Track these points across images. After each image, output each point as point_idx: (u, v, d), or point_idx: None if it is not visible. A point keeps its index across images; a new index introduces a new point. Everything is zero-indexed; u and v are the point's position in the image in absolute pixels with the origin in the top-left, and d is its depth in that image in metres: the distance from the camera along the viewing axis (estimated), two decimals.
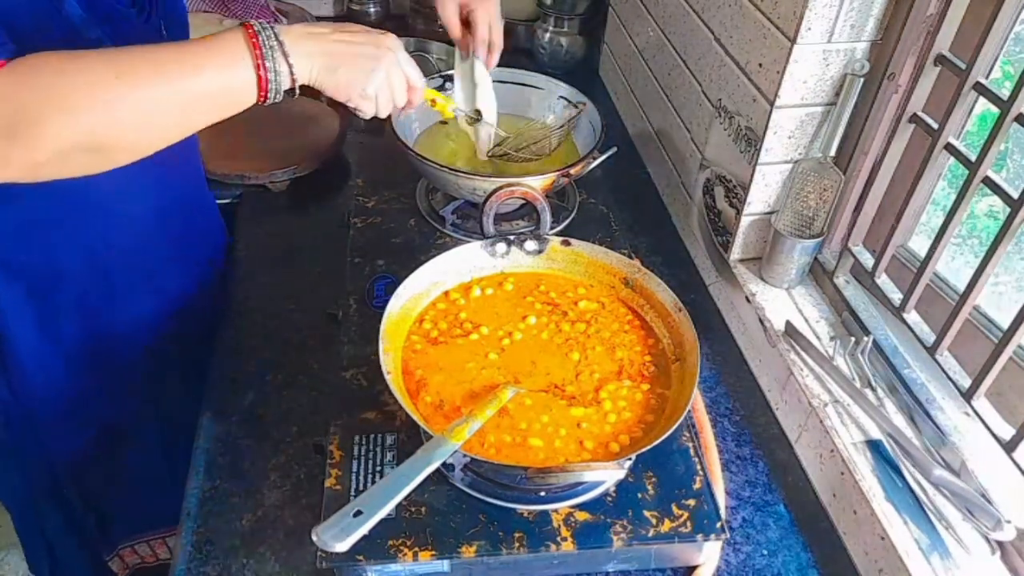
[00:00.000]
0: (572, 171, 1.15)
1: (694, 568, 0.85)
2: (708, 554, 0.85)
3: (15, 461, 1.08)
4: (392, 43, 0.81)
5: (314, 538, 0.65)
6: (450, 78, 1.31)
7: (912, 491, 0.85)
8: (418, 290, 0.95)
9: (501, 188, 1.02)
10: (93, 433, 1.12)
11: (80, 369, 1.06)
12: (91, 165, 0.68)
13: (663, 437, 0.77)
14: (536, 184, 1.08)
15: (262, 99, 0.73)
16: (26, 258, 0.94)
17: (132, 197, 0.98)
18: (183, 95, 0.68)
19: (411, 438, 0.88)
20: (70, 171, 0.67)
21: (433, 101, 1.01)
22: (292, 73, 0.72)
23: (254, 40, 0.70)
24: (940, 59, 0.88)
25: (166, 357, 1.14)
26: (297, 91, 0.75)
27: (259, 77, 0.70)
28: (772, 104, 0.99)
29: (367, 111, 0.82)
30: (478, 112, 1.16)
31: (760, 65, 1.02)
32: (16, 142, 0.62)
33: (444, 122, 1.27)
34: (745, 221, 1.11)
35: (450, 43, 1.74)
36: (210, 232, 1.21)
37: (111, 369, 1.09)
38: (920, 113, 0.92)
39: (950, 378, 0.88)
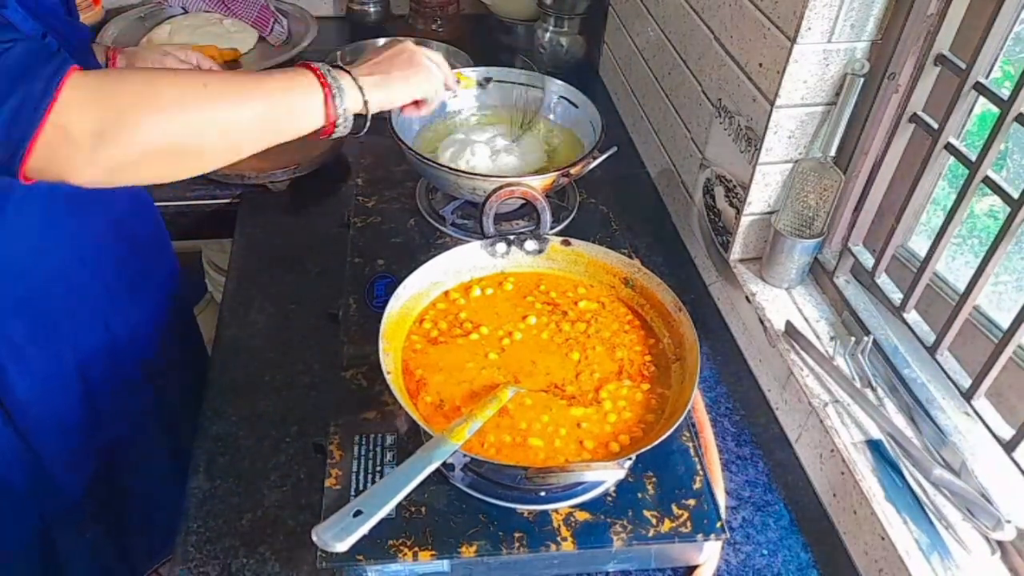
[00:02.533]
0: (572, 171, 1.15)
1: (694, 568, 0.85)
2: (708, 554, 0.85)
3: (28, 500, 1.06)
4: (410, 42, 0.90)
5: (314, 538, 0.66)
6: None
7: (912, 491, 0.85)
8: (418, 290, 0.95)
9: (501, 188, 1.02)
10: (101, 456, 1.12)
11: (75, 393, 1.05)
12: (167, 172, 0.71)
13: (663, 437, 0.77)
14: (536, 184, 1.08)
15: (330, 126, 0.80)
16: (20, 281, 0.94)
17: (84, 210, 0.98)
18: (261, 109, 0.74)
19: (411, 438, 0.88)
20: (146, 177, 0.71)
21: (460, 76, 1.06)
22: (364, 96, 0.82)
23: (320, 75, 0.79)
24: (940, 59, 0.88)
25: (150, 371, 1.14)
26: (368, 120, 0.85)
27: (326, 100, 0.78)
28: (772, 104, 0.99)
29: (433, 96, 0.92)
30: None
31: (760, 65, 1.02)
32: (105, 143, 0.65)
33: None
34: (745, 221, 1.11)
35: (450, 43, 1.76)
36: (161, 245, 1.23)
37: (103, 390, 1.08)
38: (920, 113, 0.92)
39: (950, 378, 0.88)
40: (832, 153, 1.01)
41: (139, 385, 1.14)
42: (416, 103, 0.92)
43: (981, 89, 0.82)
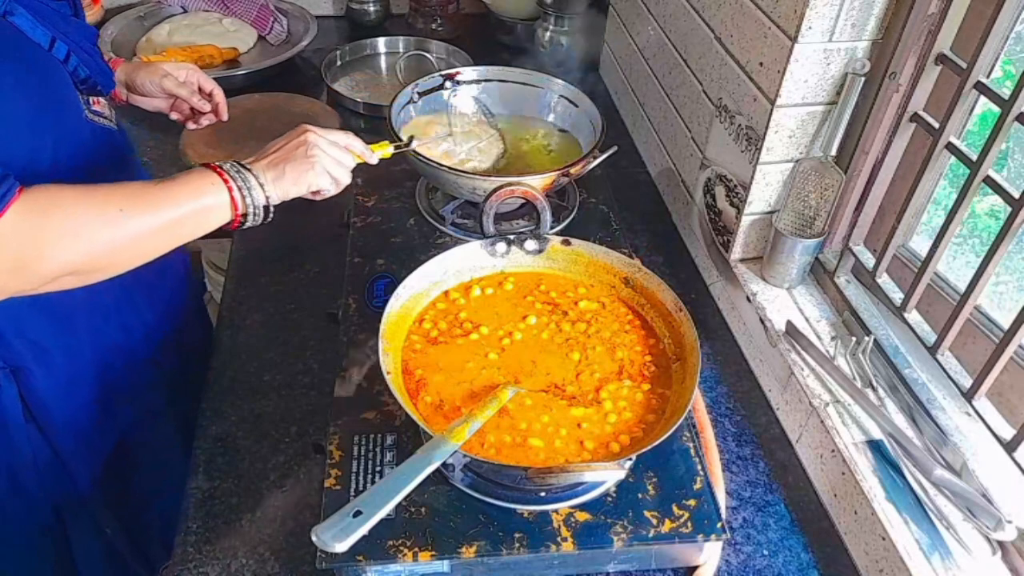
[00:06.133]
0: (572, 170, 1.14)
1: (695, 568, 0.85)
2: (709, 554, 0.85)
3: (44, 495, 1.06)
4: (310, 131, 0.91)
5: (314, 538, 0.65)
6: (450, 77, 1.32)
7: (913, 491, 0.85)
8: (418, 290, 0.95)
9: (501, 187, 1.02)
10: (115, 451, 1.11)
11: (92, 391, 1.04)
12: (71, 286, 0.76)
13: (663, 437, 0.77)
14: (536, 183, 1.08)
15: (238, 219, 0.83)
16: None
17: None
18: (171, 222, 0.79)
19: (411, 438, 0.88)
20: (51, 291, 0.75)
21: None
22: (265, 192, 0.84)
23: (219, 171, 0.82)
24: (941, 58, 0.88)
25: (162, 369, 1.14)
26: (271, 213, 0.86)
27: (232, 198, 0.82)
28: (773, 103, 0.99)
29: (328, 188, 0.91)
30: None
31: (761, 64, 1.02)
32: (20, 276, 0.71)
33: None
34: (746, 220, 1.11)
35: (450, 42, 1.76)
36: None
37: (119, 387, 1.08)
38: (921, 112, 0.92)
39: (951, 378, 0.88)
40: (833, 153, 1.01)
41: (152, 382, 1.13)
42: (313, 192, 0.93)
43: (982, 88, 0.82)
